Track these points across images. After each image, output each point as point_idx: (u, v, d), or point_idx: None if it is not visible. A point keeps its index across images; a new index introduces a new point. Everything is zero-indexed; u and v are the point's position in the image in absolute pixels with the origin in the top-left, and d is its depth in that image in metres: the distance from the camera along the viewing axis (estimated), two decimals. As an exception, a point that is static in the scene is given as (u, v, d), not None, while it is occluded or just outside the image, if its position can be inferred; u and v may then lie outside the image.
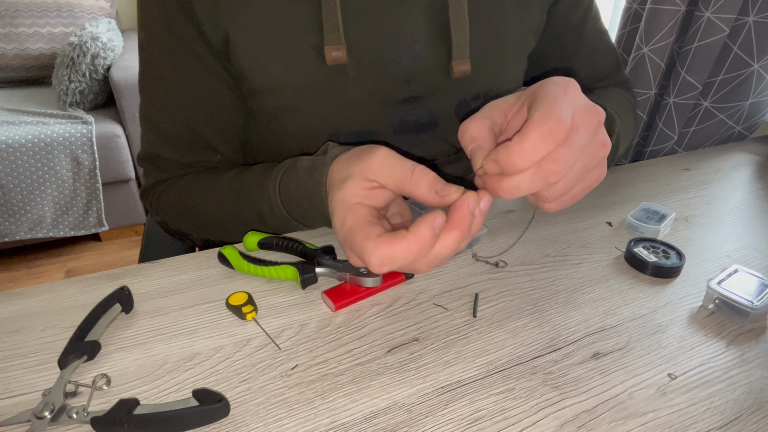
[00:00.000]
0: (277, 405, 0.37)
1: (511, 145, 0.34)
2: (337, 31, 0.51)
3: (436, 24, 0.55)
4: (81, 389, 0.38)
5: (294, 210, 0.49)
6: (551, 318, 0.46)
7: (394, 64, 0.55)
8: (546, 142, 0.33)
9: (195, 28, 0.51)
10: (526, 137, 0.33)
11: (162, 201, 0.62)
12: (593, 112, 0.36)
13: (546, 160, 0.34)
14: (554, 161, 0.34)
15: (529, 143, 0.33)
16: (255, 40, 0.52)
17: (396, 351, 0.42)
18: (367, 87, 0.56)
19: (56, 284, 0.49)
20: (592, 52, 0.67)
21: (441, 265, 0.38)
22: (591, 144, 0.36)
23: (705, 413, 0.38)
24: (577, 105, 0.35)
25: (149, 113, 0.58)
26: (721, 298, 0.46)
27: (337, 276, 0.48)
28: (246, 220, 0.54)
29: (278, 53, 0.52)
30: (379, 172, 0.37)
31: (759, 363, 0.42)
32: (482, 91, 0.60)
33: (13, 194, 1.68)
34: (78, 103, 1.85)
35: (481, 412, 0.37)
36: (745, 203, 0.68)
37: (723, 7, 0.83)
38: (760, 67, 0.86)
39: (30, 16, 1.95)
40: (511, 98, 0.39)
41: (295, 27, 0.52)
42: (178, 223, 0.63)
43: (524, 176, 0.35)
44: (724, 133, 0.96)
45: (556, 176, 0.35)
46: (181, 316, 0.45)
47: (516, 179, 0.35)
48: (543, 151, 0.34)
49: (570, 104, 0.35)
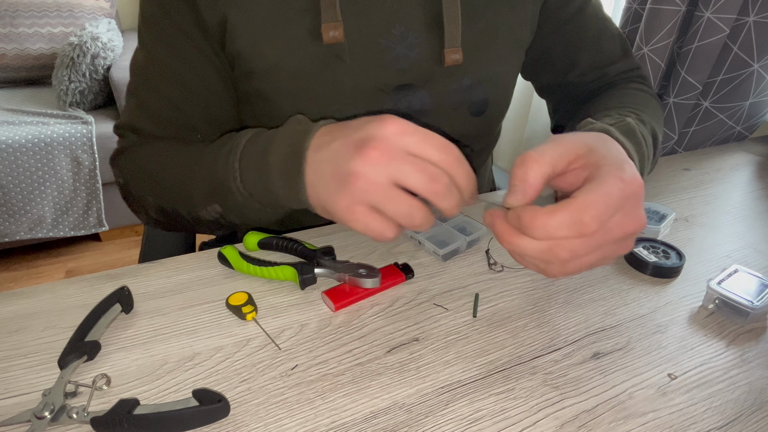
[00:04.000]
0: (277, 405, 0.37)
1: (539, 215, 0.34)
2: (334, 8, 0.52)
3: (429, 14, 0.56)
4: (81, 389, 0.38)
5: (252, 174, 0.45)
6: (551, 318, 0.46)
7: (387, 52, 0.56)
8: (569, 230, 0.34)
9: (192, 11, 0.52)
10: (555, 215, 0.34)
11: (128, 160, 0.59)
12: (635, 223, 0.36)
13: (559, 244, 0.34)
14: (567, 250, 0.35)
15: (555, 222, 0.34)
16: (253, 23, 0.52)
17: (396, 351, 0.42)
18: (362, 73, 0.56)
19: (56, 284, 0.49)
20: (597, 38, 0.67)
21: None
22: (614, 244, 0.37)
23: (705, 413, 0.37)
24: (624, 211, 0.35)
25: (136, 89, 0.59)
26: (721, 298, 0.46)
27: (336, 277, 0.48)
28: (196, 183, 0.50)
29: (275, 36, 0.53)
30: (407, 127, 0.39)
31: (759, 363, 0.42)
32: (475, 81, 0.61)
33: (13, 194, 1.68)
34: (78, 103, 1.85)
35: (481, 412, 0.37)
36: (745, 203, 0.68)
37: (723, 7, 0.83)
38: (760, 67, 0.86)
39: (30, 16, 1.95)
40: (582, 148, 0.38)
41: (292, 10, 0.53)
42: (137, 182, 0.58)
43: (533, 245, 0.35)
44: (724, 133, 0.96)
45: (559, 261, 0.35)
46: (181, 316, 0.45)
47: (525, 243, 0.36)
48: (563, 234, 0.34)
49: (618, 208, 0.35)
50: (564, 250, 0.35)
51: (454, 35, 0.57)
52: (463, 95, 0.61)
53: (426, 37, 0.57)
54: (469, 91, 0.61)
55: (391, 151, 0.36)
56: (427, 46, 0.57)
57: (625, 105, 0.56)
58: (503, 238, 0.37)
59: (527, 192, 0.37)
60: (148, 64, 0.57)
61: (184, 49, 0.54)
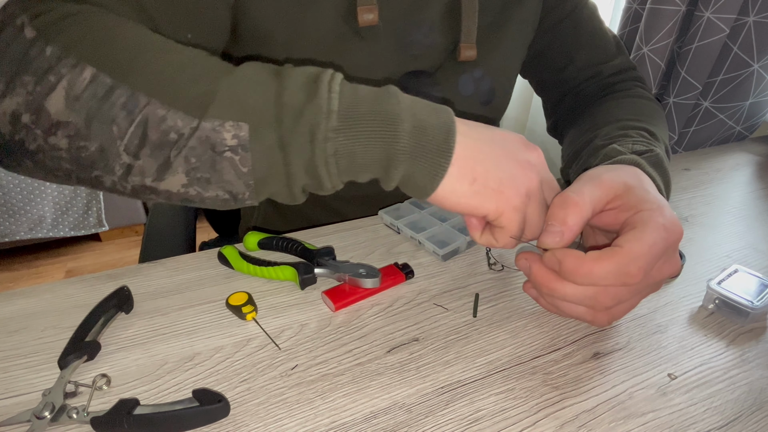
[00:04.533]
0: (277, 405, 0.37)
1: (584, 262, 0.35)
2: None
3: (448, 8, 0.58)
4: (81, 389, 0.38)
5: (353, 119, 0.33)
6: (551, 318, 0.46)
7: (404, 36, 0.57)
8: (615, 279, 0.34)
9: None
10: (602, 264, 0.34)
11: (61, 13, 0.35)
12: (672, 268, 0.37)
13: (604, 291, 0.35)
14: (611, 297, 0.36)
15: (601, 271, 0.34)
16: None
17: (396, 351, 0.42)
18: (378, 55, 0.57)
19: (56, 284, 0.49)
20: (592, 36, 0.68)
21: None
22: (652, 287, 0.38)
23: (705, 413, 0.37)
24: (665, 258, 0.36)
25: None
26: (721, 298, 0.46)
27: (336, 277, 0.48)
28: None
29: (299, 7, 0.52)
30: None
31: (759, 363, 0.42)
32: (484, 73, 0.62)
33: (13, 194, 1.68)
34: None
35: (481, 412, 0.37)
36: (745, 203, 0.68)
37: (723, 7, 0.83)
38: (760, 67, 0.86)
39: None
40: (620, 188, 0.39)
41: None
42: (84, 47, 0.33)
43: (577, 291, 0.36)
44: (724, 133, 0.96)
45: (603, 307, 0.36)
46: (181, 316, 0.45)
47: (568, 289, 0.36)
48: (608, 283, 0.35)
49: (660, 257, 0.36)
50: (608, 297, 0.36)
51: (471, 31, 0.58)
52: (473, 85, 0.63)
53: (441, 28, 0.58)
54: (478, 82, 0.63)
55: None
56: (443, 39, 0.59)
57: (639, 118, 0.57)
58: (543, 282, 0.38)
59: (566, 235, 0.37)
60: None
61: None
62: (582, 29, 0.67)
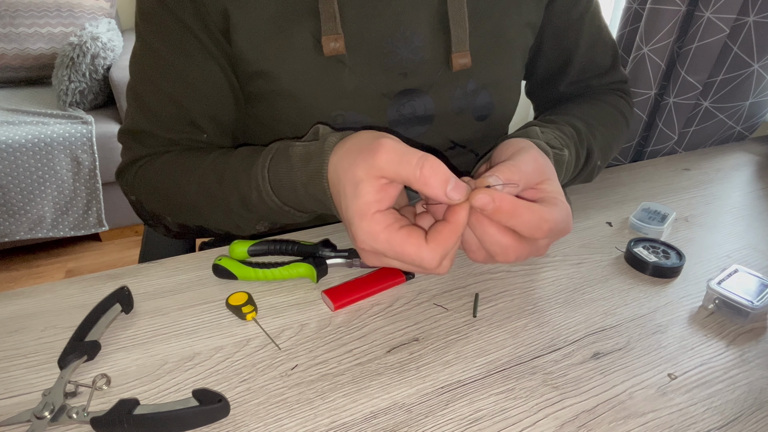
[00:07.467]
0: (277, 405, 0.37)
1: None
2: (334, 20, 0.51)
3: (435, 17, 0.56)
4: (81, 389, 0.38)
5: (285, 196, 0.46)
6: (551, 318, 0.46)
7: (391, 56, 0.56)
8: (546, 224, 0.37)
9: (192, 3, 0.50)
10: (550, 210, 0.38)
11: (139, 178, 0.58)
12: (544, 249, 0.41)
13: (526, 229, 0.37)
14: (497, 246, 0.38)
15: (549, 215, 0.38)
16: (254, 22, 0.52)
17: (396, 351, 0.42)
18: (364, 77, 0.56)
19: (56, 284, 0.49)
20: (591, 47, 0.67)
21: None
22: (533, 252, 0.41)
23: (705, 413, 0.38)
24: (551, 239, 0.40)
25: (137, 88, 0.57)
26: (721, 298, 0.46)
27: (347, 263, 0.49)
28: (228, 205, 0.51)
29: (276, 37, 0.52)
30: (386, 169, 0.36)
31: (759, 363, 0.42)
32: (479, 85, 0.60)
33: (13, 194, 1.68)
34: (78, 103, 1.85)
35: (481, 412, 0.37)
36: (745, 203, 0.68)
37: (723, 7, 0.83)
38: (760, 67, 0.86)
39: (30, 16, 1.95)
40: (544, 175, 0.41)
41: (294, 12, 0.52)
42: (153, 202, 0.58)
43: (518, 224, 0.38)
44: (724, 133, 0.96)
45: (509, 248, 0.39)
46: (181, 316, 0.45)
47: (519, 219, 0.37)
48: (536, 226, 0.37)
49: (555, 236, 0.40)
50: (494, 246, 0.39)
51: (462, 39, 0.56)
52: (467, 99, 0.60)
53: (431, 40, 0.56)
54: (473, 96, 0.61)
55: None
56: (433, 50, 0.57)
57: (584, 118, 0.59)
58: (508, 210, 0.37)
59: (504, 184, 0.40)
60: (147, 60, 0.55)
61: (186, 42, 0.53)
62: (581, 40, 0.66)
